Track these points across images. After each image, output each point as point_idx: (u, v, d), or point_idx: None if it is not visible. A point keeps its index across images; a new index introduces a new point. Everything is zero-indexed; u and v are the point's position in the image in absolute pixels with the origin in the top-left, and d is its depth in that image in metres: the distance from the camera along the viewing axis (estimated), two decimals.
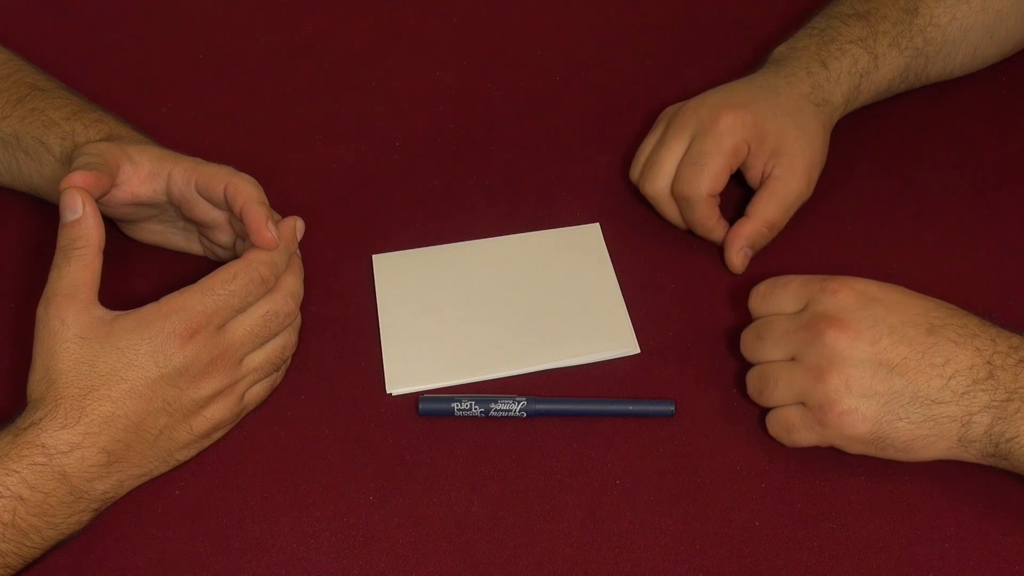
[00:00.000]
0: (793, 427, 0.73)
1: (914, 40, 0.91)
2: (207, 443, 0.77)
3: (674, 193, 0.86)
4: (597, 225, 0.91)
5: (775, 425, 0.74)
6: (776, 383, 0.73)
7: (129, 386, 0.72)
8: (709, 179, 0.84)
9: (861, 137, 0.95)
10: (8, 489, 0.68)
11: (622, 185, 0.94)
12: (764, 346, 0.74)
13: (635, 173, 0.89)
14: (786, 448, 0.75)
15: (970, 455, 0.71)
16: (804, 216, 0.88)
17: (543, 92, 1.03)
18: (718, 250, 0.88)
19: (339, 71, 1.07)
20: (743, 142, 0.85)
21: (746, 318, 0.79)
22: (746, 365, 0.77)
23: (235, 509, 0.75)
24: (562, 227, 0.91)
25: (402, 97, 1.04)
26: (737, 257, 0.86)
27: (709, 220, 0.86)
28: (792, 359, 0.73)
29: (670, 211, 0.88)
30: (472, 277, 0.88)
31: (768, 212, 0.85)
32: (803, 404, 0.72)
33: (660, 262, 0.88)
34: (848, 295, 0.71)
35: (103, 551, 0.73)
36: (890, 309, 0.71)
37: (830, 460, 0.75)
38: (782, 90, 0.87)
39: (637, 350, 0.82)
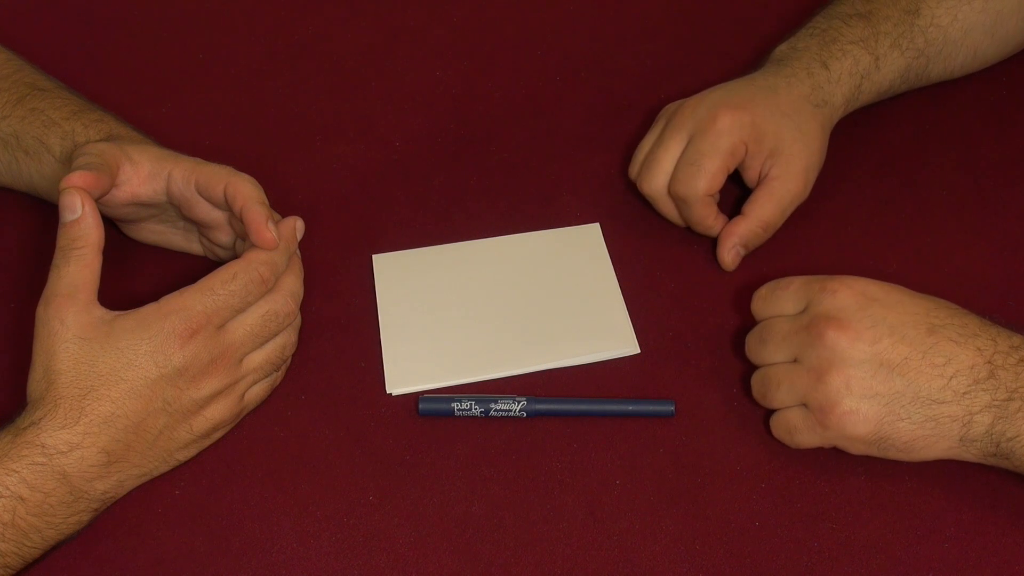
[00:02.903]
0: (795, 429, 0.73)
1: (915, 41, 0.91)
2: (207, 443, 0.77)
3: (671, 193, 0.86)
4: (597, 225, 0.91)
5: (778, 427, 0.74)
6: (778, 385, 0.73)
7: (129, 386, 0.72)
8: (706, 180, 0.84)
9: (861, 137, 0.95)
10: (8, 489, 0.68)
11: (622, 185, 0.94)
12: (767, 349, 0.74)
13: (634, 171, 0.89)
14: (786, 448, 0.75)
15: (971, 454, 0.71)
16: (804, 216, 0.88)
17: (543, 92, 1.03)
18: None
19: (339, 71, 1.07)
20: (740, 142, 0.85)
21: (746, 318, 0.79)
22: (747, 364, 0.77)
23: (235, 509, 0.75)
24: (562, 227, 0.91)
25: (402, 97, 1.04)
26: (729, 255, 0.86)
27: (707, 219, 0.86)
28: (794, 361, 0.73)
29: (668, 210, 0.88)
30: (472, 277, 0.88)
31: (764, 212, 0.85)
32: (805, 406, 0.72)
33: (660, 262, 0.88)
34: (848, 295, 0.71)
35: (103, 551, 0.73)
36: (890, 308, 0.71)
37: (831, 460, 0.75)
38: (781, 90, 0.87)
39: (637, 350, 0.82)
